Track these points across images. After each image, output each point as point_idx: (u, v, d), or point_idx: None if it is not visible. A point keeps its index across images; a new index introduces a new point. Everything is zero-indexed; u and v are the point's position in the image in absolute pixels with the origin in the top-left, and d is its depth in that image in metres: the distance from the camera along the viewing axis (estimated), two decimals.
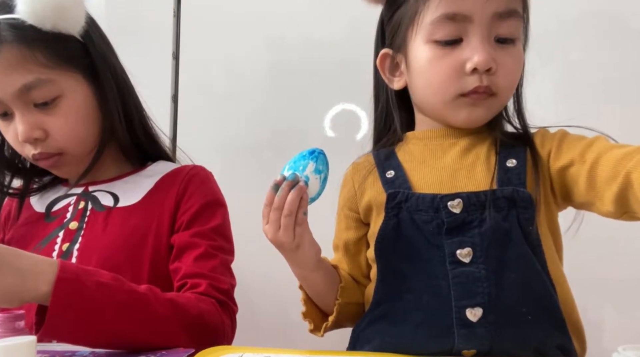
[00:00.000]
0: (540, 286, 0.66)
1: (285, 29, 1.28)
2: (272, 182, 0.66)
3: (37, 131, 0.82)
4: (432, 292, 0.66)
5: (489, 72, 0.69)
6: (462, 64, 0.69)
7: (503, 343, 0.63)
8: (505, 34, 0.70)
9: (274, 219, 0.67)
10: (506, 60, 0.70)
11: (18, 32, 0.78)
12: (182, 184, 0.89)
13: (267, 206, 0.67)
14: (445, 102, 0.72)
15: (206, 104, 1.31)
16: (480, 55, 0.67)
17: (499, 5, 0.68)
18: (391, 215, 0.71)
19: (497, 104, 0.73)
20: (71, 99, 0.83)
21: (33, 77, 0.79)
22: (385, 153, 0.79)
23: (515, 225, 0.67)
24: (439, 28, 0.69)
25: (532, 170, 0.71)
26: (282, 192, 0.65)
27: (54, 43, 0.81)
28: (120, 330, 0.65)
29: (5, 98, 0.80)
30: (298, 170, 0.67)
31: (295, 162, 0.67)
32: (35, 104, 0.81)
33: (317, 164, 0.67)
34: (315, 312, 0.77)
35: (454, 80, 0.70)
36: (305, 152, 0.68)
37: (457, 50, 0.69)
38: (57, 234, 0.85)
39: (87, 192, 0.90)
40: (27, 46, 0.78)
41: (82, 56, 0.85)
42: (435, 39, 0.70)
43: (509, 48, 0.71)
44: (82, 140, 0.86)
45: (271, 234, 0.68)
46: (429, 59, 0.71)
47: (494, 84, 0.70)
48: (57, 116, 0.82)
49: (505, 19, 0.69)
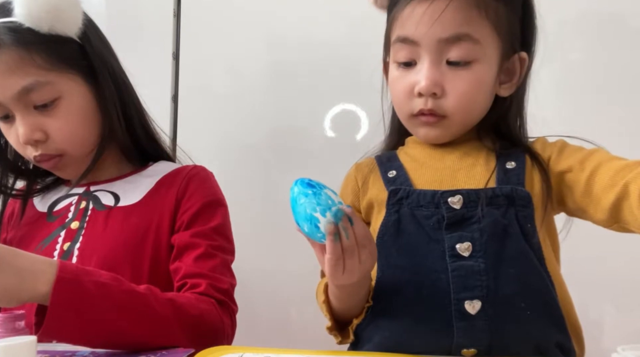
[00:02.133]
0: (539, 281, 0.67)
1: (285, 29, 1.28)
2: (329, 236, 0.57)
3: (37, 133, 0.82)
4: (431, 286, 0.67)
5: (434, 96, 0.72)
6: (412, 86, 0.73)
7: (502, 339, 0.64)
8: (455, 58, 0.71)
9: (352, 264, 0.60)
10: (456, 84, 0.71)
11: (16, 36, 0.79)
12: (183, 184, 0.89)
13: (339, 259, 0.59)
14: (405, 120, 0.78)
15: (206, 104, 1.31)
16: (423, 81, 0.71)
17: (444, 31, 0.70)
18: (392, 211, 0.72)
19: (451, 125, 0.75)
20: (70, 100, 0.84)
21: (32, 80, 0.79)
22: (387, 156, 0.82)
23: (514, 222, 0.68)
24: (397, 50, 0.74)
25: (531, 172, 0.72)
26: (350, 233, 0.58)
27: (52, 45, 0.81)
28: (119, 330, 0.65)
29: (5, 101, 0.80)
30: (330, 206, 0.57)
31: (318, 202, 0.57)
32: (35, 106, 0.81)
33: (325, 187, 0.59)
34: (338, 324, 0.74)
35: (407, 100, 0.75)
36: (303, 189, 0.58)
37: (411, 72, 0.74)
38: (58, 233, 0.86)
39: (89, 191, 0.91)
40: (25, 49, 0.79)
41: (80, 57, 0.85)
42: (395, 60, 0.75)
43: (460, 71, 0.72)
44: (82, 141, 0.86)
45: (356, 276, 0.61)
46: (392, 78, 0.77)
47: (440, 108, 0.72)
48: (56, 118, 0.83)
49: (454, 44, 0.71)
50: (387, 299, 0.70)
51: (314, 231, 0.58)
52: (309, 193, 0.58)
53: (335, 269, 0.59)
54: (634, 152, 1.09)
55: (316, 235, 0.58)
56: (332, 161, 0.86)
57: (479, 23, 0.71)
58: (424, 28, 0.70)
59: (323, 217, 0.57)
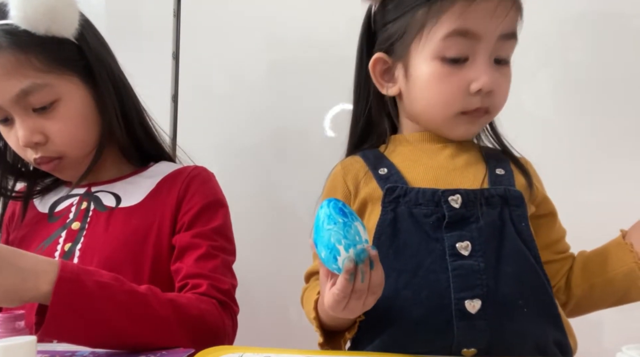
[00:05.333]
0: (536, 280, 0.68)
1: (285, 29, 1.28)
2: (345, 274, 0.55)
3: (37, 136, 0.82)
4: (430, 287, 0.66)
5: (489, 94, 0.72)
6: (467, 83, 0.71)
7: (502, 338, 0.64)
8: (504, 56, 0.73)
9: (355, 305, 0.58)
10: (501, 82, 0.73)
11: (12, 38, 0.79)
12: (184, 184, 0.89)
13: (346, 298, 0.57)
14: (446, 118, 0.74)
15: (206, 104, 1.31)
16: (486, 78, 0.70)
17: (507, 26, 0.71)
18: (388, 210, 0.71)
19: (488, 121, 0.78)
20: (69, 102, 0.84)
21: (30, 82, 0.79)
22: (372, 153, 0.80)
23: (509, 222, 0.69)
24: (449, 44, 0.71)
25: (519, 178, 0.75)
26: (366, 278, 0.56)
27: (49, 47, 0.81)
28: (120, 330, 0.65)
29: (4, 104, 0.80)
30: (356, 242, 0.54)
31: (345, 235, 0.54)
32: (33, 109, 0.81)
33: (357, 219, 0.56)
34: (329, 337, 0.73)
35: (458, 99, 0.72)
36: (334, 215, 0.55)
37: (463, 69, 0.71)
38: (59, 234, 0.86)
39: (90, 192, 0.90)
40: (22, 51, 0.79)
41: (77, 58, 0.85)
42: (443, 56, 0.71)
43: (504, 69, 0.74)
44: (82, 143, 0.86)
45: (353, 315, 0.61)
46: (435, 75, 0.72)
47: (491, 104, 0.73)
48: (55, 120, 0.83)
49: (508, 41, 0.72)
50: (385, 302, 0.69)
51: (330, 260, 0.55)
52: (339, 222, 0.54)
53: (337, 305, 0.58)
54: (634, 152, 1.09)
55: (331, 265, 0.56)
56: (332, 161, 0.85)
57: (519, 24, 0.74)
58: (494, 22, 0.69)
59: (345, 253, 0.54)
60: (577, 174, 1.09)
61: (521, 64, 1.11)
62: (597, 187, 1.08)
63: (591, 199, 1.06)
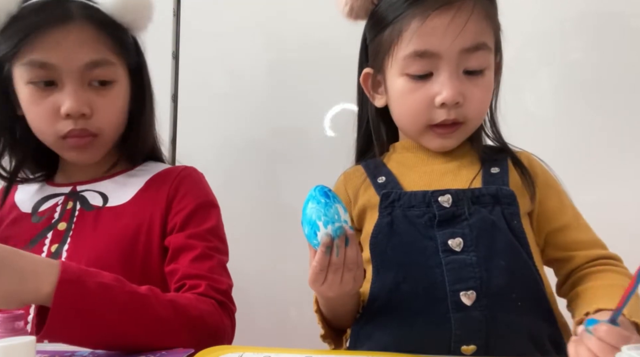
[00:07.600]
0: (529, 275, 0.70)
1: (285, 29, 1.28)
2: (322, 247, 0.60)
3: (85, 107, 0.83)
4: (426, 281, 0.69)
5: (456, 106, 0.73)
6: (432, 97, 0.74)
7: (498, 330, 0.65)
8: (474, 67, 0.74)
9: (333, 279, 0.63)
10: (474, 92, 0.74)
11: (90, 12, 0.84)
12: (174, 184, 0.88)
13: (323, 271, 0.62)
14: (417, 131, 0.78)
15: (206, 104, 1.31)
16: (448, 91, 0.72)
17: (466, 41, 0.72)
18: (385, 214, 0.74)
19: (467, 131, 0.78)
20: (122, 87, 0.88)
21: (101, 56, 0.84)
22: (373, 163, 0.83)
23: (501, 218, 0.71)
24: (410, 63, 0.74)
25: (514, 174, 0.76)
26: (341, 252, 0.61)
27: (120, 32, 0.87)
28: (121, 331, 0.65)
29: (69, 70, 0.82)
30: (334, 220, 0.60)
31: (325, 213, 0.60)
32: (90, 82, 0.84)
33: (339, 202, 0.62)
34: (332, 331, 0.77)
35: (424, 112, 0.75)
36: (318, 196, 0.61)
37: (427, 83, 0.74)
38: (45, 235, 0.84)
39: (75, 191, 0.89)
40: (97, 27, 0.84)
41: (135, 54, 0.90)
42: (407, 73, 0.74)
43: (477, 79, 0.74)
44: (117, 128, 0.90)
45: (333, 292, 0.65)
46: (402, 90, 0.76)
47: (462, 115, 0.75)
48: (107, 98, 0.85)
49: (473, 53, 0.73)
50: (384, 297, 0.71)
51: (312, 236, 0.62)
52: (321, 202, 0.61)
53: (315, 278, 0.63)
54: (634, 151, 1.09)
55: (312, 240, 0.62)
56: (332, 161, 0.86)
57: (488, 32, 0.74)
58: (448, 40, 0.71)
59: (324, 229, 0.60)
60: (577, 173, 1.08)
61: (522, 64, 1.11)
62: (597, 186, 1.08)
63: (591, 198, 1.05)
